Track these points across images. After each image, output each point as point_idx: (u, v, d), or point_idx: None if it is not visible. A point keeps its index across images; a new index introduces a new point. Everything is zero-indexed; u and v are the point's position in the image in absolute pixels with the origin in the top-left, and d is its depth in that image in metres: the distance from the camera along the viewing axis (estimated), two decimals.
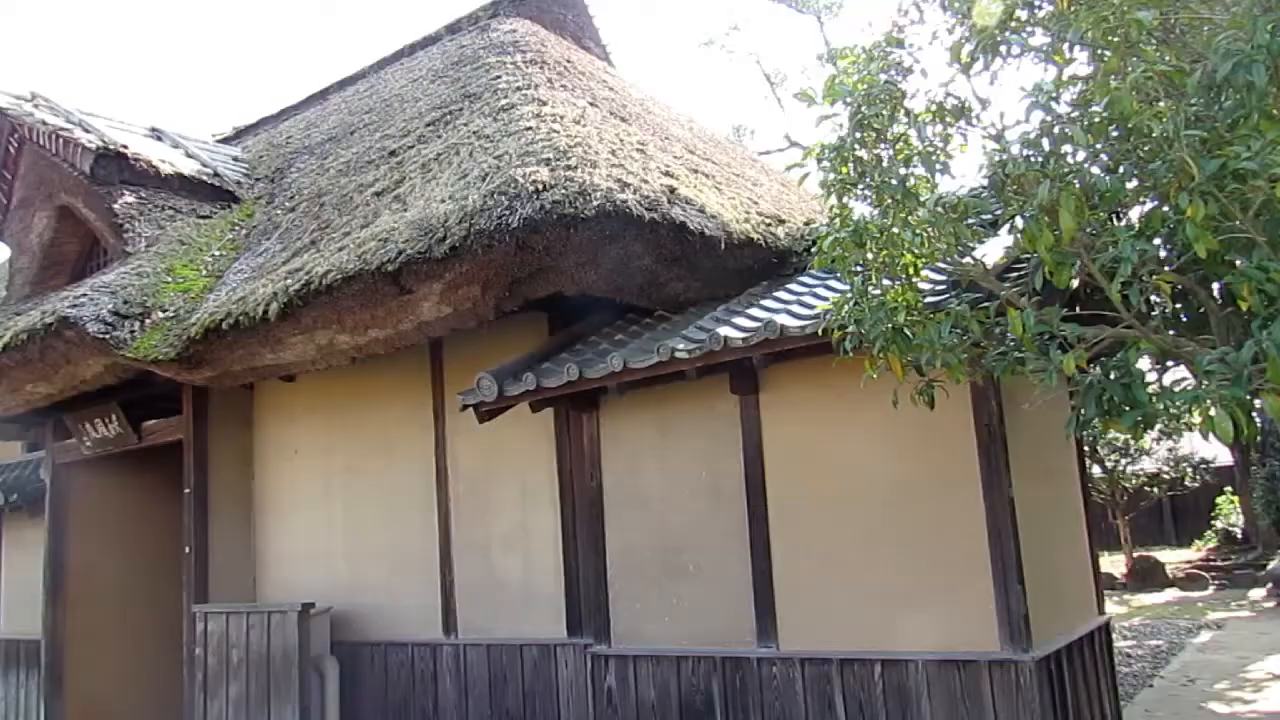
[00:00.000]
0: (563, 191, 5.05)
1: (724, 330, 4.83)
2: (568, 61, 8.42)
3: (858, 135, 3.37)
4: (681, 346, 4.92)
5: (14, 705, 9.83)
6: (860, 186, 3.40)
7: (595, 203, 5.01)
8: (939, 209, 3.18)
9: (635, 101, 8.47)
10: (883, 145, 3.39)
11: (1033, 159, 2.86)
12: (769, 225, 6.16)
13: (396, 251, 5.40)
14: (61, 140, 8.14)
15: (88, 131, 8.20)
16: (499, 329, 6.11)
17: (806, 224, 6.47)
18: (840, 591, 4.88)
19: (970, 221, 3.41)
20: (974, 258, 3.50)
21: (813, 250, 3.93)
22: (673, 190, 5.57)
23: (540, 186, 5.10)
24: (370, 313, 5.74)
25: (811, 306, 4.88)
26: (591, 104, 7.26)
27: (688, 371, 5.14)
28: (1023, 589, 4.36)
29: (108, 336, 6.40)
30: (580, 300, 5.84)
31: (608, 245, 5.17)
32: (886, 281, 3.49)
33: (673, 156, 6.74)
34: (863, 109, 3.33)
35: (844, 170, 3.43)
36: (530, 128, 6.16)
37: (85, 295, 6.62)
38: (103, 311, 6.43)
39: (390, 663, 6.88)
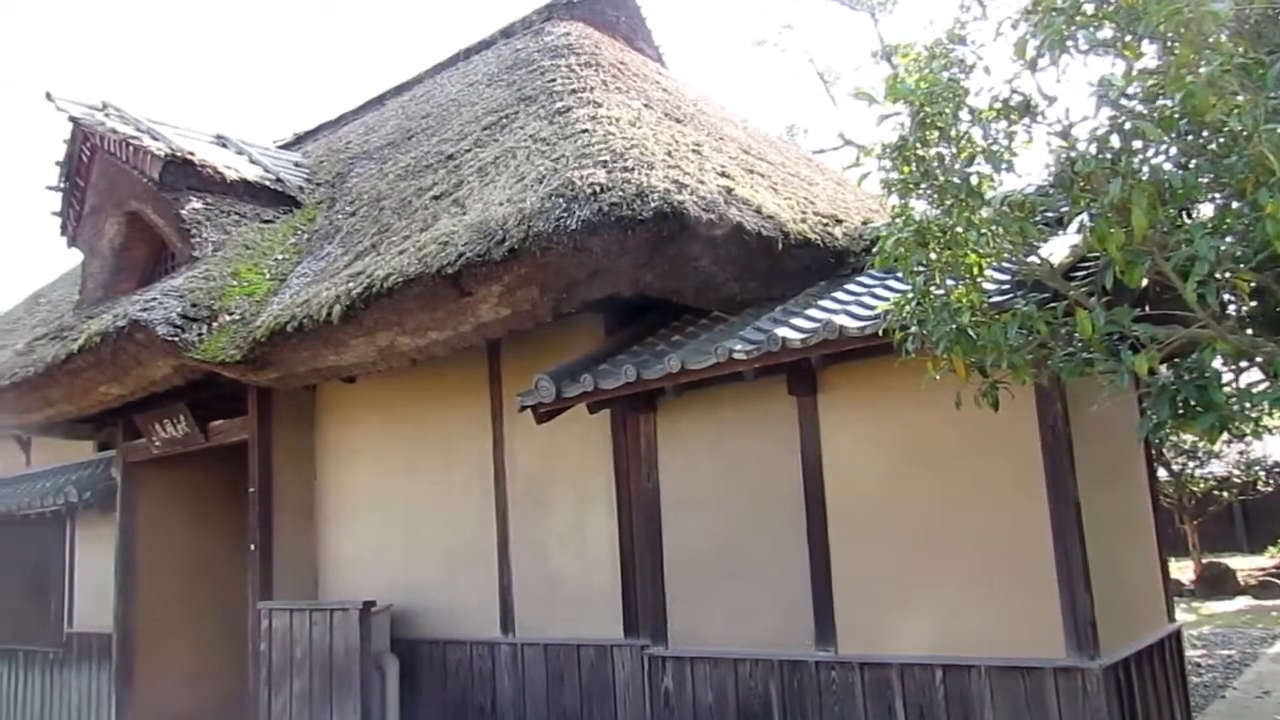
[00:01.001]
0: (620, 193, 5.06)
1: (782, 331, 4.80)
2: (621, 63, 8.44)
3: (920, 134, 3.33)
4: (739, 348, 4.91)
5: (87, 696, 10.12)
6: (922, 185, 3.36)
7: (652, 204, 5.01)
8: (1004, 208, 3.13)
9: (689, 102, 8.46)
10: (945, 144, 3.34)
11: (1102, 155, 2.80)
12: (826, 225, 6.11)
13: (456, 254, 5.46)
14: (131, 148, 8.37)
15: (156, 139, 8.43)
16: (556, 330, 6.15)
17: (864, 224, 6.41)
18: (900, 595, 4.83)
19: (1035, 220, 3.34)
20: (1040, 257, 3.43)
21: (872, 250, 3.89)
22: (729, 191, 5.56)
23: (597, 188, 5.12)
24: (430, 315, 5.82)
25: (870, 307, 4.83)
26: (646, 105, 7.28)
27: (745, 373, 5.13)
28: (1089, 595, 4.28)
29: (176, 339, 6.57)
30: (637, 301, 5.86)
31: (664, 246, 5.17)
32: (950, 281, 3.43)
33: (728, 157, 6.72)
34: (925, 107, 3.29)
35: (905, 169, 3.39)
36: (586, 130, 6.19)
37: (155, 299, 6.80)
38: (172, 314, 6.61)
39: (449, 661, 6.96)
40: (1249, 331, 3.49)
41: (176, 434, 8.51)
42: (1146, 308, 3.21)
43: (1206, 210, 3.23)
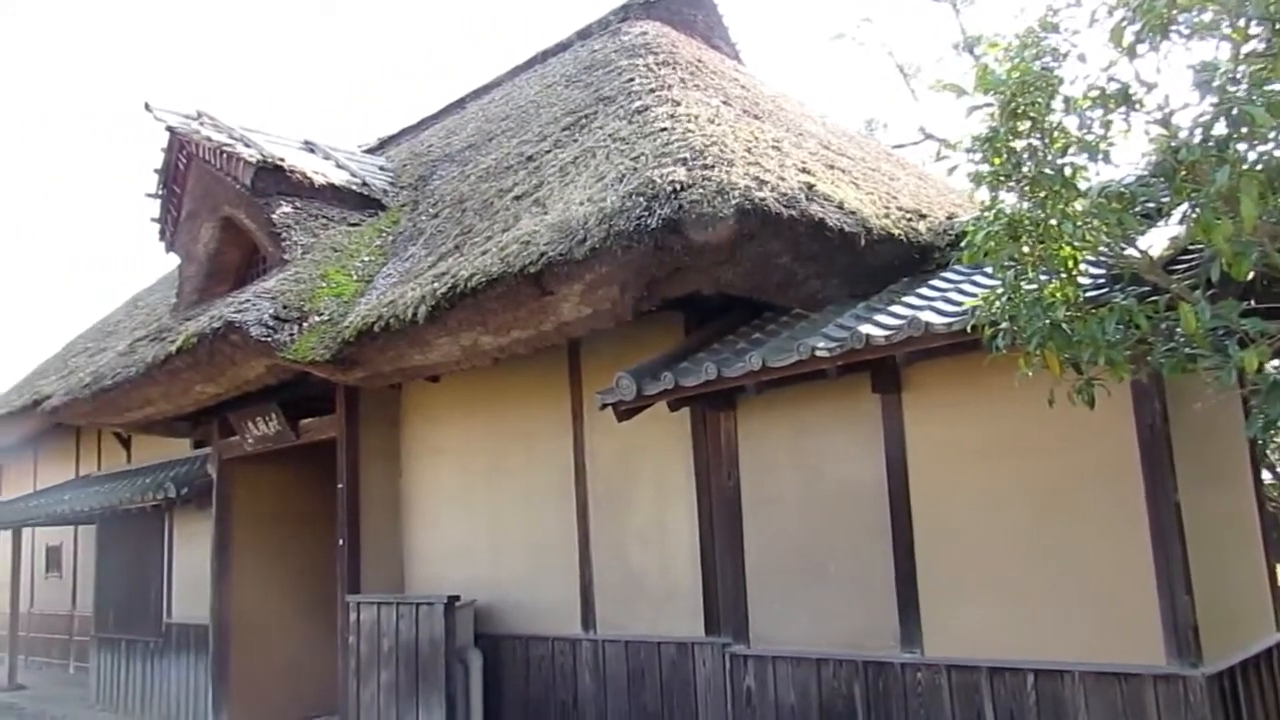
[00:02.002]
0: (700, 191, 5.05)
1: (865, 328, 4.74)
2: (699, 61, 8.43)
3: (1010, 125, 3.25)
4: (822, 345, 4.86)
5: (185, 685, 10.50)
6: (1013, 178, 3.28)
7: (733, 201, 4.99)
8: (1102, 199, 3.03)
9: (767, 99, 8.41)
10: (1037, 135, 3.25)
11: (1208, 143, 2.69)
12: (909, 220, 6.01)
13: (538, 254, 5.52)
14: (225, 155, 8.66)
15: (248, 146, 8.70)
16: (636, 328, 6.17)
17: (949, 218, 6.29)
18: (989, 597, 4.72)
19: (1134, 211, 3.23)
20: (1139, 249, 3.32)
21: (958, 245, 3.81)
22: (810, 187, 5.50)
23: (678, 186, 5.11)
24: (512, 314, 5.89)
25: (957, 303, 4.73)
26: (725, 103, 7.25)
27: (828, 370, 5.07)
28: (1190, 599, 4.12)
29: (269, 339, 6.78)
30: (717, 299, 5.85)
31: (745, 244, 5.15)
32: (1043, 276, 3.34)
33: (808, 153, 6.66)
34: (1016, 98, 3.21)
35: (996, 161, 3.31)
36: (665, 128, 6.20)
37: (248, 301, 7.03)
38: (264, 316, 6.81)
39: (531, 656, 7.04)
40: None
41: (268, 432, 8.78)
42: (1253, 301, 3.06)
43: None
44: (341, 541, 7.98)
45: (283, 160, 8.58)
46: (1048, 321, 3.24)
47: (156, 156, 9.74)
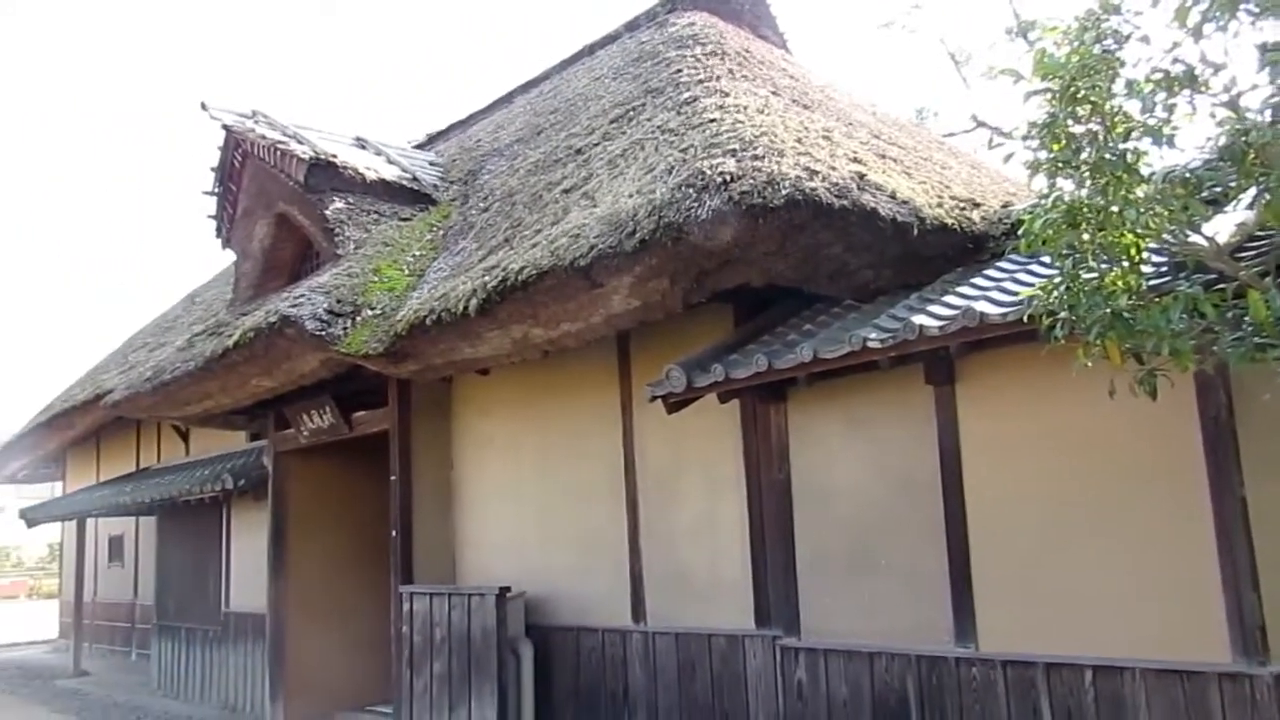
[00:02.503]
0: (751, 182, 5.02)
1: (919, 319, 4.68)
2: (747, 51, 8.39)
3: (1070, 109, 3.18)
4: (874, 336, 4.81)
5: (243, 672, 10.74)
6: (1074, 164, 3.20)
7: (784, 192, 4.96)
8: (1166, 184, 2.96)
9: (816, 88, 8.34)
10: (1097, 119, 3.18)
11: (1278, 125, 2.61)
12: (963, 209, 5.92)
13: (588, 247, 5.53)
14: (279, 153, 8.80)
15: (301, 143, 8.83)
16: (685, 321, 6.16)
17: (1003, 206, 6.18)
18: (1045, 592, 4.64)
19: (1201, 196, 3.15)
20: (1205, 236, 3.23)
21: (1014, 234, 3.74)
22: (862, 176, 5.45)
23: (728, 178, 5.09)
24: (562, 306, 5.92)
25: (1012, 293, 4.65)
26: (773, 93, 7.21)
27: (880, 362, 5.03)
28: (1257, 595, 4.01)
29: (323, 333, 6.88)
30: (767, 290, 5.81)
31: (796, 234, 5.11)
32: (1104, 264, 3.27)
33: (859, 142, 6.59)
34: (1075, 81, 3.14)
35: (1055, 147, 3.24)
36: (714, 119, 6.17)
37: (303, 295, 7.14)
38: (319, 310, 6.92)
39: (581, 647, 7.07)
40: None
41: (322, 424, 8.92)
42: None
43: None
44: (394, 533, 8.09)
45: (335, 157, 8.70)
46: (1108, 310, 3.17)
47: (211, 155, 9.96)
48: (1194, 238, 3.24)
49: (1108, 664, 4.37)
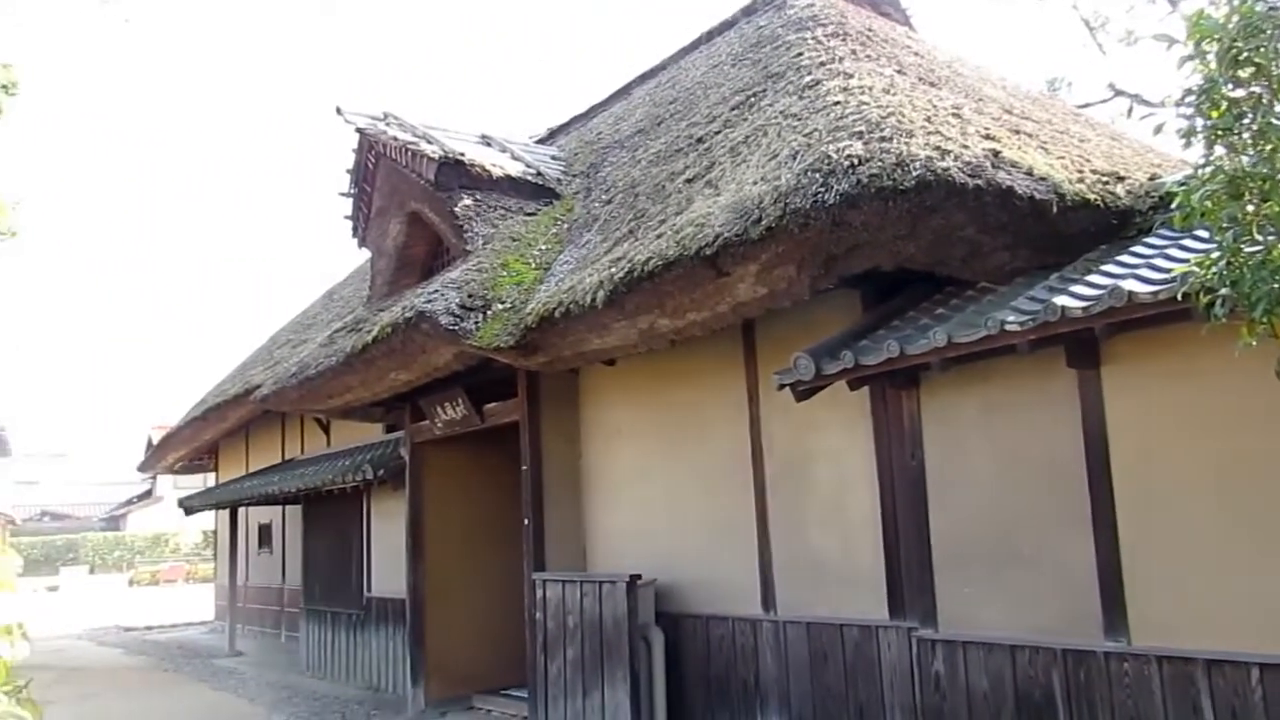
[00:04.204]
0: (879, 164, 4.92)
1: (1060, 300, 4.49)
2: (869, 30, 8.21)
3: (1231, 73, 3.00)
4: (1012, 319, 4.64)
5: (384, 655, 11.20)
6: (1235, 130, 3.02)
7: (914, 173, 4.83)
8: None
9: (942, 64, 8.10)
10: (1262, 82, 2.99)
11: None
12: (1105, 183, 5.65)
13: (713, 235, 5.52)
14: (410, 153, 9.09)
15: (430, 143, 9.10)
16: (812, 308, 6.09)
17: (1150, 179, 5.87)
18: (1204, 584, 4.41)
19: None
20: None
21: (1170, 207, 3.54)
22: (996, 154, 5.26)
23: (855, 161, 5.00)
24: (688, 296, 5.93)
25: (1163, 270, 4.42)
26: (899, 72, 7.03)
27: (1018, 345, 4.84)
28: None
29: (456, 328, 7.08)
30: (897, 275, 5.69)
31: (928, 216, 4.98)
32: (1270, 236, 3.07)
33: (990, 118, 6.36)
34: (1237, 43, 2.95)
35: (1214, 114, 3.06)
36: (839, 102, 6.07)
37: (436, 291, 7.36)
38: (451, 305, 7.13)
39: (711, 635, 7.09)
40: None
41: (456, 416, 9.19)
42: None
43: None
44: (527, 521, 8.27)
45: (463, 155, 8.93)
46: (1276, 286, 2.98)
47: (346, 157, 10.36)
48: None
49: (1277, 662, 4.12)
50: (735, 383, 7.05)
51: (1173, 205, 3.38)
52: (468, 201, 8.62)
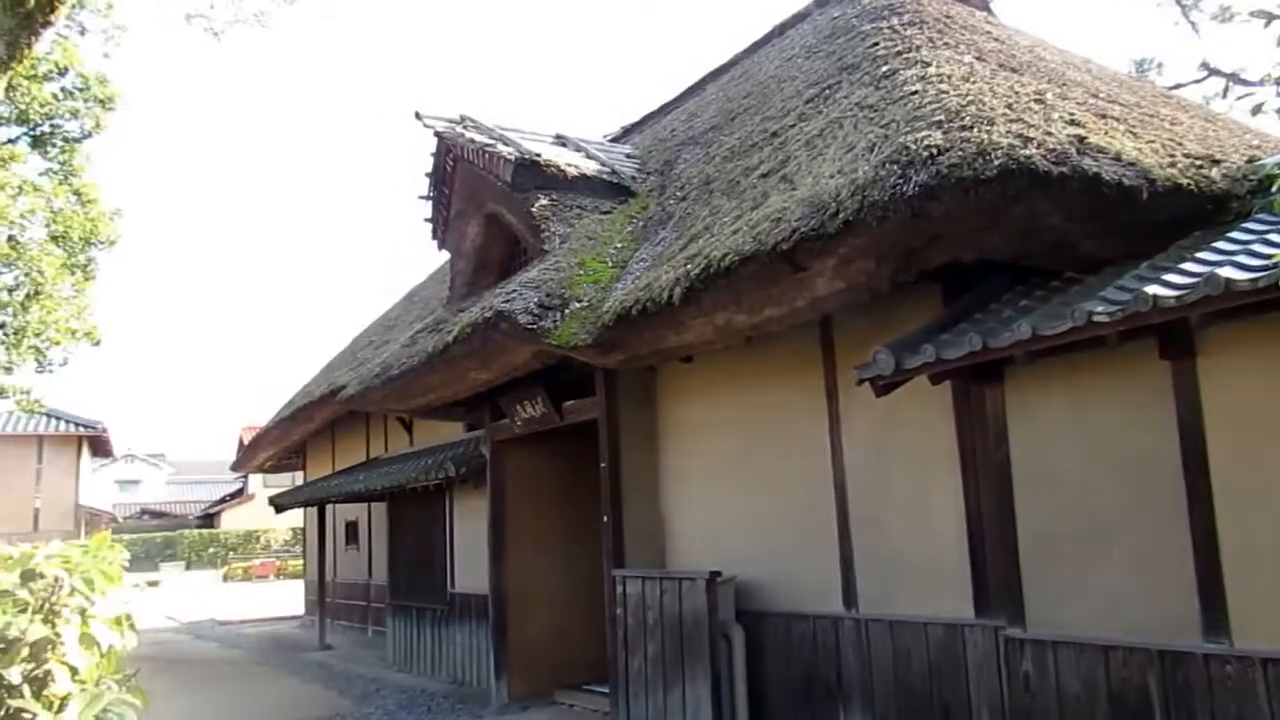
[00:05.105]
0: (959, 154, 4.82)
1: (1151, 289, 4.34)
2: (946, 17, 8.06)
3: None
4: (1100, 309, 4.51)
5: (468, 649, 11.40)
6: None
7: (996, 162, 4.72)
8: None
9: (1023, 49, 7.91)
10: None
11: None
12: (1199, 167, 5.44)
13: (789, 230, 5.49)
14: (487, 155, 9.23)
15: (506, 145, 9.23)
16: (890, 301, 6.00)
17: (1248, 162, 5.64)
18: None
19: None
20: None
21: (1271, 190, 3.40)
22: (1081, 139, 5.11)
23: (934, 151, 4.91)
24: (765, 292, 5.90)
25: (1264, 256, 4.24)
26: (978, 58, 6.88)
27: (1107, 337, 4.70)
28: None
29: (535, 327, 7.17)
30: (978, 267, 5.57)
31: (1010, 206, 4.86)
32: None
33: (1075, 103, 6.19)
34: None
35: None
36: (916, 92, 5.97)
37: (515, 291, 7.46)
38: (530, 304, 7.21)
39: (793, 633, 7.05)
40: None
41: (535, 414, 9.30)
42: None
43: None
44: (606, 518, 8.33)
45: (538, 155, 9.03)
46: None
47: (424, 160, 10.56)
48: None
49: None
50: (814, 379, 6.99)
51: (1273, 189, 3.25)
52: (544, 201, 8.71)
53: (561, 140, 10.36)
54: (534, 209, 8.64)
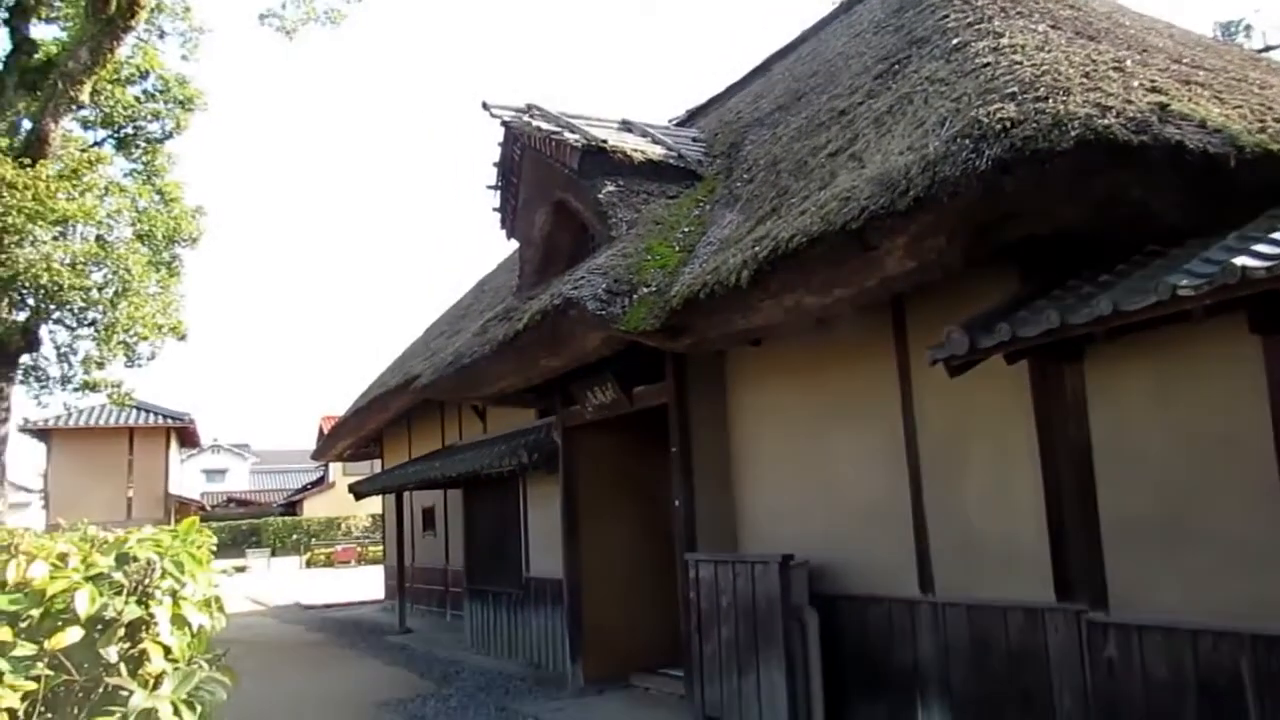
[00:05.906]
0: (1034, 126, 4.69)
1: (1240, 260, 4.16)
2: None
3: None
4: (1185, 283, 4.34)
5: (545, 633, 11.55)
6: None
7: (1073, 133, 4.59)
8: None
9: (1101, 15, 7.67)
10: None
11: None
12: None
13: (859, 209, 5.41)
14: (554, 143, 9.28)
15: (573, 132, 9.26)
16: (963, 280, 5.87)
17: None
18: None
19: None
20: None
21: None
22: (1163, 107, 4.93)
23: (1008, 124, 4.78)
24: (834, 272, 5.83)
25: None
26: (1053, 27, 6.69)
27: (1193, 312, 4.53)
28: None
29: (603, 313, 7.20)
30: (1054, 241, 5.42)
31: (1089, 178, 4.72)
32: None
33: (1157, 70, 5.98)
34: None
35: None
36: (988, 64, 5.82)
37: (583, 278, 7.50)
38: (598, 291, 7.24)
39: (868, 617, 6.98)
40: None
41: (605, 400, 9.36)
42: None
43: None
44: (677, 502, 8.35)
45: (605, 142, 9.05)
46: None
47: (491, 151, 10.67)
48: None
49: None
50: (885, 360, 6.89)
51: None
52: (611, 188, 8.73)
53: (627, 126, 10.36)
54: (601, 195, 8.67)
